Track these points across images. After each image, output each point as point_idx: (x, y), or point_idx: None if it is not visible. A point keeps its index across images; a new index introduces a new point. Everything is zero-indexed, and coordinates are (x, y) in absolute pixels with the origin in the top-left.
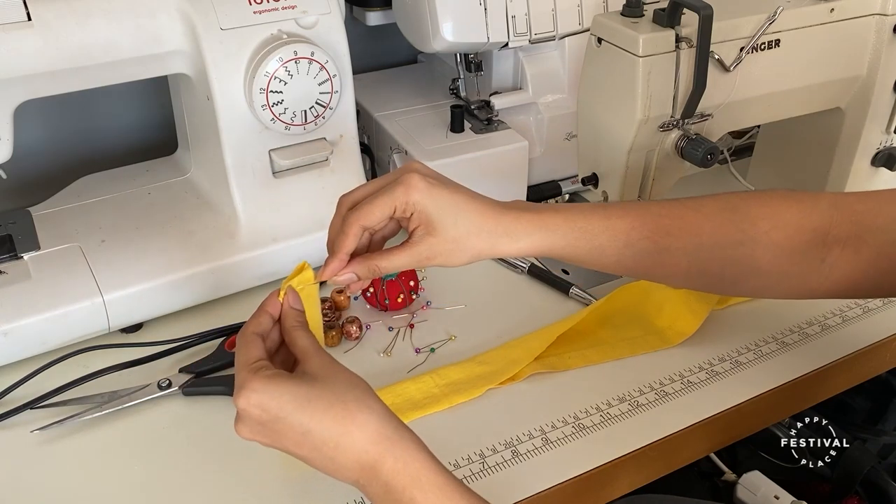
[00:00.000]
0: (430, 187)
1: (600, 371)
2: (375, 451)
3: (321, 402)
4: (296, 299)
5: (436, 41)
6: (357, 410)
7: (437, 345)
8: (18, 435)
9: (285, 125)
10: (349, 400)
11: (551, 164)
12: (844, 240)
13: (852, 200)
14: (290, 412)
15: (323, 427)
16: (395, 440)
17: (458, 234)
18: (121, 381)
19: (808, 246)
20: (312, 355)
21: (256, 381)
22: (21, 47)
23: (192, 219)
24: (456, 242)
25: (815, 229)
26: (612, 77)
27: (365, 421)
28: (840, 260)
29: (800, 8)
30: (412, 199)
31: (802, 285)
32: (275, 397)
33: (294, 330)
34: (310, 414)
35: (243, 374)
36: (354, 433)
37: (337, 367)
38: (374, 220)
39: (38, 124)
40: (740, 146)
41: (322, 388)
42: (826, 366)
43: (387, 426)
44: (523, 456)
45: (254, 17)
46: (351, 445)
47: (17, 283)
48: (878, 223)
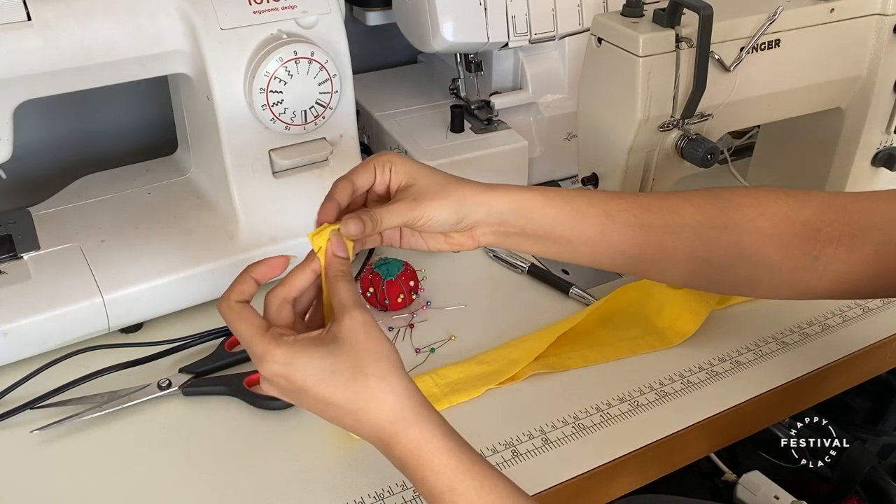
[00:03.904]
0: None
1: (600, 371)
2: (392, 429)
3: (344, 375)
4: (340, 246)
5: (436, 41)
6: (377, 388)
7: (437, 345)
8: (18, 435)
9: (285, 125)
10: (371, 374)
11: (551, 164)
12: (838, 238)
13: (846, 200)
14: (313, 385)
15: (343, 400)
16: (411, 421)
17: (439, 179)
18: (121, 381)
19: (799, 239)
20: (348, 314)
21: (280, 351)
22: (21, 47)
23: (192, 219)
24: (438, 188)
25: (805, 223)
26: (612, 77)
27: (382, 400)
28: (834, 258)
29: (800, 8)
30: (389, 157)
31: (797, 282)
32: (298, 369)
33: (339, 280)
34: (332, 387)
35: (264, 343)
36: (373, 410)
37: (370, 332)
38: (358, 178)
39: (38, 124)
40: (740, 146)
41: (348, 357)
42: (826, 366)
43: (404, 406)
44: (523, 456)
45: (254, 17)
46: (368, 420)
47: (17, 283)
48: (874, 222)
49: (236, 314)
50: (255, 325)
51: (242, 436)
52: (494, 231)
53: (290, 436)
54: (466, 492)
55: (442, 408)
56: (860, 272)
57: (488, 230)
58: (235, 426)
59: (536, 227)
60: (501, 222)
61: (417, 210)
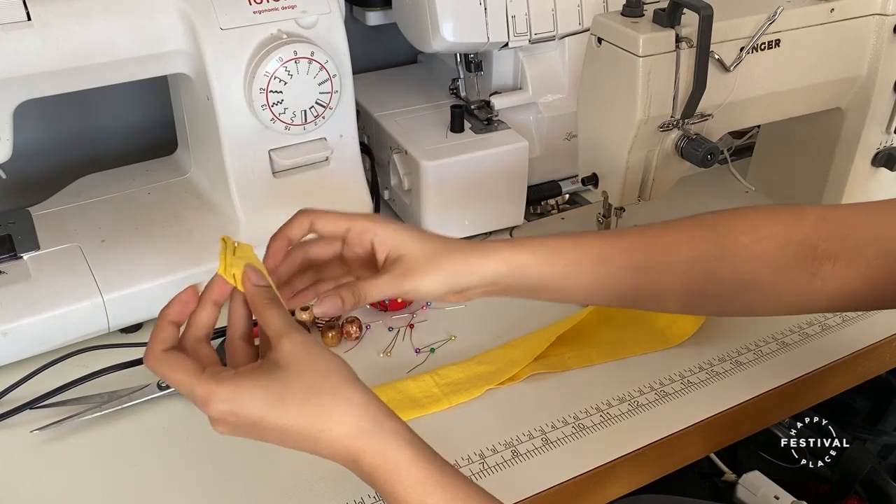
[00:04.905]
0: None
1: (600, 371)
2: (354, 445)
3: (295, 399)
4: (258, 276)
5: (436, 41)
6: (333, 404)
7: (437, 345)
8: (18, 435)
9: (285, 125)
10: (325, 392)
11: (551, 164)
12: (836, 253)
13: (842, 213)
14: (264, 415)
15: (300, 425)
16: (374, 433)
17: (427, 250)
18: (120, 381)
19: (797, 260)
20: (286, 337)
21: (222, 389)
22: (21, 47)
23: (192, 219)
24: (427, 259)
25: (801, 242)
26: (612, 77)
27: (342, 415)
28: (834, 274)
29: (800, 8)
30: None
31: (798, 301)
32: (245, 404)
33: (268, 308)
34: (285, 413)
35: (203, 385)
36: (332, 429)
37: (313, 351)
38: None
39: (38, 124)
40: (740, 146)
41: (295, 380)
42: (826, 366)
43: (364, 419)
44: (523, 456)
45: (254, 16)
46: (329, 441)
47: (17, 283)
48: (873, 235)
49: (166, 364)
50: (188, 370)
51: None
52: (485, 291)
53: None
54: None
55: (442, 408)
56: (859, 286)
57: (479, 291)
58: None
59: (529, 283)
60: (493, 283)
61: (406, 285)
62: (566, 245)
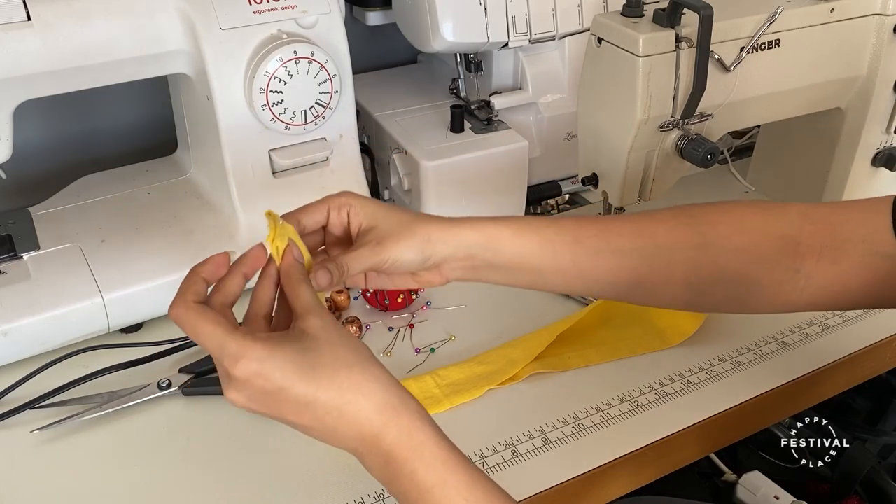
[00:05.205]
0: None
1: (600, 371)
2: (379, 420)
3: (326, 370)
4: (299, 254)
5: (436, 41)
6: (363, 379)
7: (437, 345)
8: (18, 435)
9: (285, 125)
10: (354, 365)
11: (551, 164)
12: (819, 250)
13: (826, 211)
14: (294, 382)
15: (328, 396)
16: (401, 410)
17: (401, 220)
18: (121, 381)
19: (779, 254)
20: (315, 313)
21: (257, 347)
22: (21, 47)
23: (192, 219)
24: (401, 226)
25: (783, 237)
26: (612, 77)
27: (370, 390)
28: (816, 271)
29: (800, 8)
30: (347, 199)
31: (781, 297)
32: (279, 366)
33: (300, 284)
34: (316, 383)
35: (238, 340)
36: (360, 402)
37: (340, 330)
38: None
39: (38, 124)
40: (740, 146)
41: (327, 353)
42: (826, 366)
43: (392, 395)
44: (523, 456)
45: (254, 16)
46: (355, 415)
47: (17, 283)
48: (859, 234)
49: (197, 314)
50: (222, 323)
51: (242, 436)
52: (462, 266)
53: (289, 436)
54: (458, 485)
55: (443, 409)
56: (843, 284)
57: (456, 265)
58: (235, 426)
59: (505, 259)
60: (469, 256)
61: (383, 253)
62: (542, 223)
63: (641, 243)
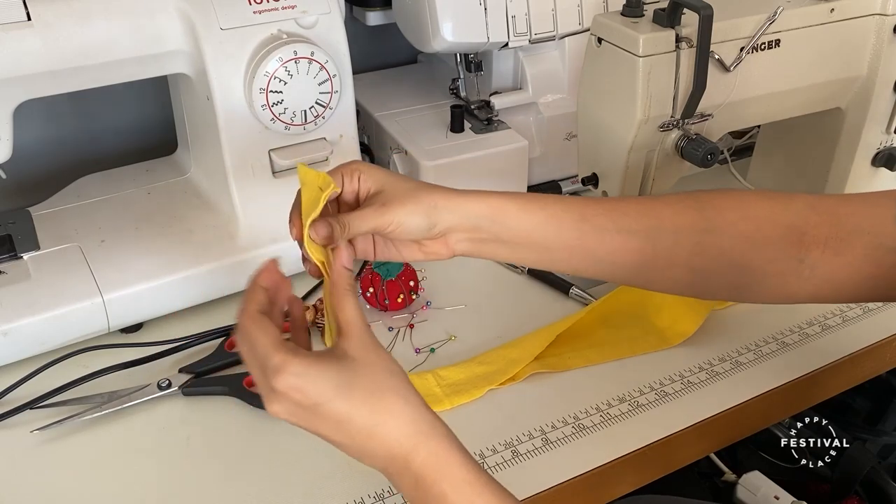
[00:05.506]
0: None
1: (600, 371)
2: (409, 443)
3: (362, 391)
4: (349, 258)
5: (436, 41)
6: (394, 401)
7: (437, 345)
8: (18, 435)
9: (285, 125)
10: (387, 389)
11: (551, 164)
12: (824, 241)
13: (833, 202)
14: (330, 399)
15: (361, 416)
16: (430, 434)
17: (410, 185)
18: (121, 381)
19: (784, 243)
20: (357, 331)
21: (297, 363)
22: (21, 47)
23: (192, 219)
24: (407, 192)
25: (789, 225)
26: (612, 77)
27: (401, 412)
28: (821, 262)
29: (800, 8)
30: (358, 165)
31: (785, 286)
32: (318, 383)
33: (346, 295)
34: (350, 402)
35: (280, 355)
36: (390, 423)
37: (379, 350)
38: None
39: (38, 124)
40: (740, 146)
41: (364, 373)
42: (826, 366)
43: (422, 420)
44: (523, 456)
45: (254, 16)
46: (385, 436)
47: (17, 283)
48: (864, 226)
49: (259, 325)
50: (275, 336)
51: (242, 436)
52: (469, 238)
53: (289, 436)
54: None
55: (444, 409)
56: (847, 276)
57: (462, 237)
58: (235, 426)
59: (512, 233)
60: (475, 228)
61: (387, 215)
62: (549, 200)
63: (647, 224)
